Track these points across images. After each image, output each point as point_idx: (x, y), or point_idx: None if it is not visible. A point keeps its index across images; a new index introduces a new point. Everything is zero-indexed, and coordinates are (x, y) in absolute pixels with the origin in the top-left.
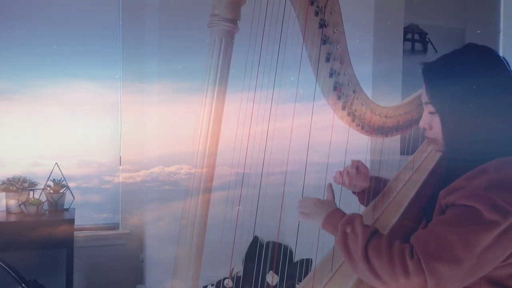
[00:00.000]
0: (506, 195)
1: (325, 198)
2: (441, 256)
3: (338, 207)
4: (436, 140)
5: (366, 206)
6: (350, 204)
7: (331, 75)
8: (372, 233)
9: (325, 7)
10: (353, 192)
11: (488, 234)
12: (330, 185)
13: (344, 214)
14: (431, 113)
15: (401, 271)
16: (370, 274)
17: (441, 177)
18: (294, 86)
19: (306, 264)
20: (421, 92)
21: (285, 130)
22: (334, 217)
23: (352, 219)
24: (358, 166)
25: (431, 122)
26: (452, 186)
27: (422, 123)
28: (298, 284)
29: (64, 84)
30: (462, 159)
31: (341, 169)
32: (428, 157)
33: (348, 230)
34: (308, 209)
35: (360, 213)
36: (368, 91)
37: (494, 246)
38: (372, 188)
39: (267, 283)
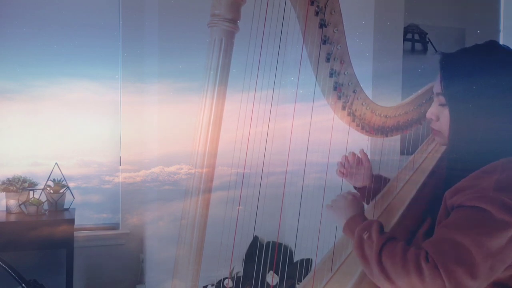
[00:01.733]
0: None
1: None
2: (458, 259)
3: (363, 210)
4: (440, 133)
5: (367, 203)
6: None
7: (331, 75)
8: (388, 239)
9: (325, 7)
10: (354, 187)
11: (501, 235)
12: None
13: (365, 219)
14: (441, 105)
15: (416, 276)
16: (385, 279)
17: (442, 177)
18: (294, 86)
19: (306, 264)
20: (433, 84)
21: (285, 130)
22: (354, 223)
23: (370, 225)
24: (361, 159)
25: (439, 114)
26: (458, 187)
27: (430, 114)
28: (298, 284)
29: (64, 84)
30: (464, 159)
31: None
32: (428, 157)
33: (365, 236)
34: (336, 204)
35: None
36: (368, 91)
37: (507, 247)
38: (373, 185)
39: (267, 283)
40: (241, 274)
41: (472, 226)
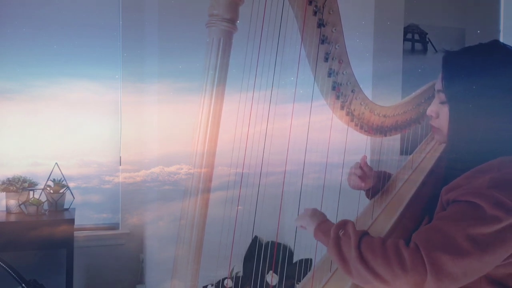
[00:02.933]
0: (510, 193)
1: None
2: (444, 247)
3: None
4: (440, 130)
5: (370, 199)
6: (350, 205)
7: (329, 74)
8: (364, 234)
9: (323, 7)
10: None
11: (489, 228)
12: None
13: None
14: (441, 102)
15: (398, 264)
16: (367, 273)
17: (441, 177)
18: (293, 86)
19: (305, 264)
20: (435, 82)
21: (284, 130)
22: (325, 225)
23: (344, 223)
24: (362, 166)
25: (439, 111)
26: (454, 183)
27: (430, 111)
28: (297, 284)
29: (64, 84)
30: (463, 159)
31: (341, 169)
32: (427, 157)
33: (341, 233)
34: (302, 218)
35: (360, 211)
36: (368, 91)
37: (497, 241)
38: (378, 183)
39: (267, 283)
40: (240, 274)
41: (462, 218)
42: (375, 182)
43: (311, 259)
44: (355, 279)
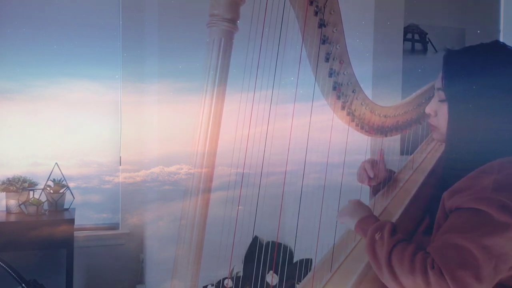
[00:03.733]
0: None
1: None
2: (461, 263)
3: (371, 213)
4: (437, 129)
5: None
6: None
7: (330, 75)
8: (399, 241)
9: (324, 7)
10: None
11: (501, 235)
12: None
13: (376, 220)
14: (440, 101)
15: (423, 281)
16: (393, 281)
17: (440, 177)
18: (294, 86)
19: (306, 264)
20: (434, 82)
21: (285, 130)
22: (366, 223)
23: (383, 226)
24: (373, 161)
25: (437, 110)
26: (456, 187)
27: (428, 109)
28: (298, 284)
29: (64, 84)
30: (462, 159)
31: (342, 169)
32: (428, 157)
33: (377, 236)
34: (345, 209)
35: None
36: (368, 91)
37: (509, 247)
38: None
39: (267, 283)
40: (241, 274)
41: (473, 228)
42: (384, 179)
43: (311, 259)
44: (384, 282)
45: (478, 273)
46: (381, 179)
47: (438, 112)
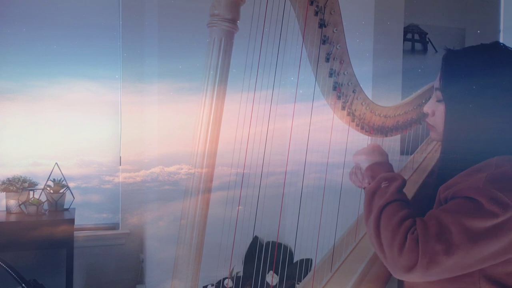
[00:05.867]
0: (507, 190)
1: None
2: (437, 237)
3: (387, 160)
4: (435, 128)
5: None
6: (350, 205)
7: (330, 75)
8: (397, 200)
9: (324, 7)
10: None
11: (484, 222)
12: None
13: (389, 169)
14: (438, 100)
15: (398, 244)
16: (374, 230)
17: (437, 176)
18: (294, 86)
19: (306, 264)
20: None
21: (285, 130)
22: (378, 168)
23: (394, 178)
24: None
25: (435, 109)
26: (451, 181)
27: (426, 108)
28: (298, 284)
29: (64, 84)
30: (458, 159)
31: (342, 169)
32: (428, 157)
33: (383, 185)
34: (363, 149)
35: (361, 212)
36: (368, 91)
37: (490, 236)
38: None
39: (267, 283)
40: (241, 274)
41: (460, 210)
42: None
43: (311, 259)
44: (367, 230)
45: (449, 248)
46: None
47: (436, 112)
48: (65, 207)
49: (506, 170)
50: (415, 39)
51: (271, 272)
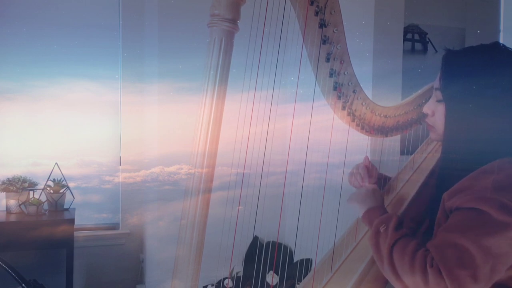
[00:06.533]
0: None
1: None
2: (459, 263)
3: (381, 204)
4: (434, 128)
5: None
6: (350, 206)
7: (331, 75)
8: (402, 236)
9: (325, 7)
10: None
11: (501, 236)
12: (367, 157)
13: (384, 212)
14: (438, 100)
15: (421, 278)
16: (392, 274)
17: (437, 177)
18: (294, 86)
19: (306, 264)
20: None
21: (285, 130)
22: (373, 214)
23: (388, 219)
24: (367, 166)
25: (435, 110)
26: (456, 188)
27: (426, 108)
28: (298, 284)
29: (64, 84)
30: (459, 159)
31: (342, 169)
32: (428, 157)
33: (382, 229)
34: (357, 195)
35: None
36: (368, 91)
37: (507, 247)
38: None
39: (267, 283)
40: (241, 274)
41: (472, 228)
42: (376, 183)
43: (311, 259)
44: (385, 275)
45: (475, 273)
46: (373, 182)
47: (436, 112)
48: (65, 207)
49: (509, 174)
50: (415, 39)
51: (271, 272)
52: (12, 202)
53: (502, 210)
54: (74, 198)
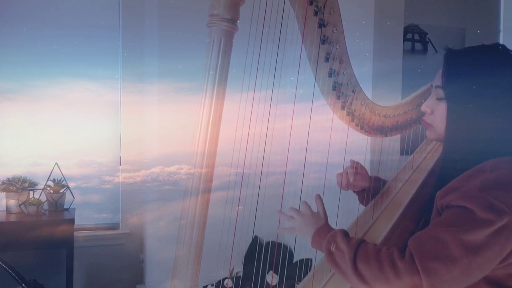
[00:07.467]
0: (501, 194)
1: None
2: (437, 255)
3: (326, 220)
4: (432, 127)
5: (365, 205)
6: (350, 205)
7: (330, 74)
8: (358, 245)
9: (324, 7)
10: (354, 191)
11: (481, 232)
12: (318, 196)
13: (330, 229)
14: (438, 99)
15: (392, 274)
16: (364, 285)
17: (437, 177)
18: (294, 86)
19: (306, 264)
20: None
21: (285, 130)
22: (319, 237)
23: (334, 236)
24: (356, 167)
25: (434, 108)
26: (448, 187)
27: (425, 106)
28: (298, 284)
29: (64, 84)
30: (459, 159)
31: (340, 170)
32: (428, 157)
33: (333, 248)
34: (296, 224)
35: (360, 211)
36: (368, 91)
37: (489, 244)
38: (372, 187)
39: (267, 283)
40: (241, 274)
41: (454, 223)
42: (369, 186)
43: (311, 259)
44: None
45: (451, 266)
46: (361, 187)
47: (435, 111)
48: (65, 207)
49: (501, 173)
50: (415, 39)
51: (271, 272)
52: (12, 202)
53: (487, 208)
54: (74, 198)
